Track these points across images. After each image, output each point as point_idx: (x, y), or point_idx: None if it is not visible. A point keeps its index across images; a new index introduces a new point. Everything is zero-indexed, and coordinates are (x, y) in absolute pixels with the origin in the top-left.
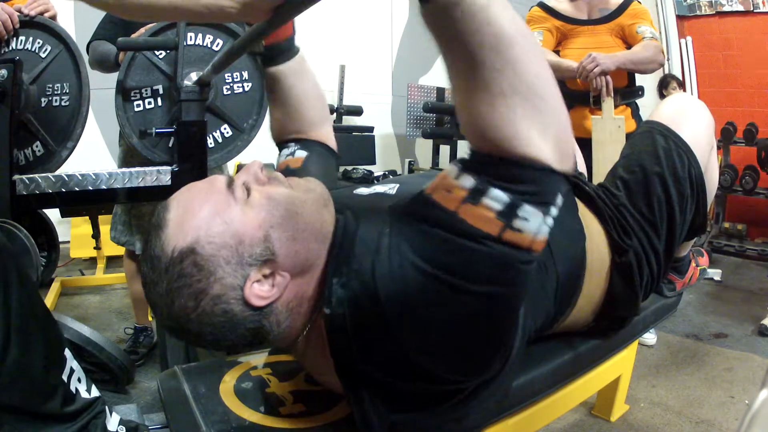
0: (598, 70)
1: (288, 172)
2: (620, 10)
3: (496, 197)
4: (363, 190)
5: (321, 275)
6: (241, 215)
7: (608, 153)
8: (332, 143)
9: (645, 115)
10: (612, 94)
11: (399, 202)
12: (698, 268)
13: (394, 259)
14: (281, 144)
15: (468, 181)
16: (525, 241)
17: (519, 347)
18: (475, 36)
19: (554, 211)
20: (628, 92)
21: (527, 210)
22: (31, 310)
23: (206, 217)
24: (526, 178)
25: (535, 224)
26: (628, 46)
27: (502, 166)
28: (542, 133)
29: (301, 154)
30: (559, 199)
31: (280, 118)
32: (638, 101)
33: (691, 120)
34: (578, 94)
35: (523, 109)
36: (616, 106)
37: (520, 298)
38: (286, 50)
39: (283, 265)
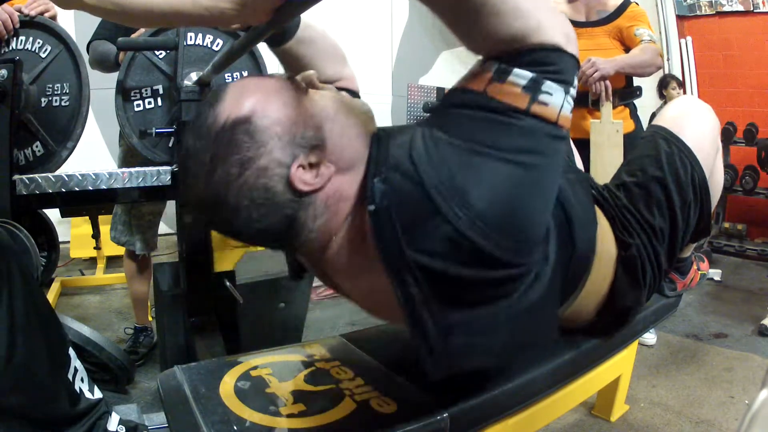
0: (597, 75)
1: None
2: (618, 12)
3: (521, 74)
4: None
5: (362, 178)
6: (299, 100)
7: (606, 156)
8: (355, 86)
9: (643, 115)
10: (611, 99)
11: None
12: (699, 272)
13: (429, 144)
14: None
15: (492, 66)
16: (552, 114)
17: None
18: None
19: (573, 91)
20: (626, 93)
21: (550, 85)
22: (35, 309)
23: (267, 93)
24: (545, 59)
25: (559, 98)
26: (627, 49)
27: (522, 54)
28: (548, 20)
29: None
30: (575, 81)
31: None
32: (637, 101)
33: (694, 123)
34: (576, 96)
35: (527, 3)
36: (614, 107)
37: (554, 169)
38: (285, 31)
39: (330, 156)
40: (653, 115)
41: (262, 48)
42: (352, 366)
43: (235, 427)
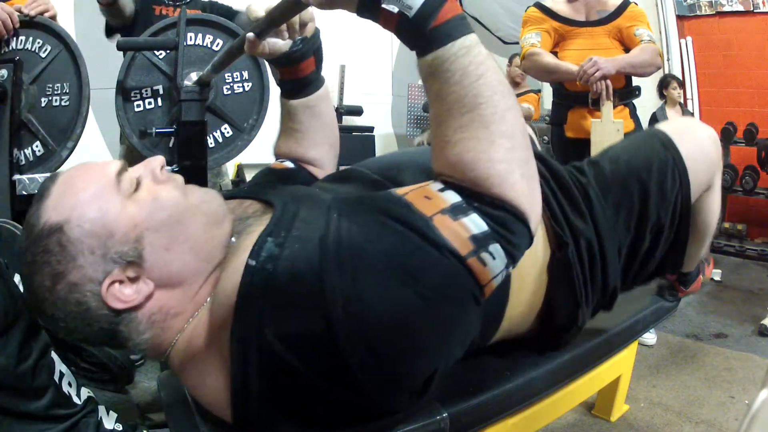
0: (599, 75)
1: (268, 171)
2: (618, 12)
3: (476, 222)
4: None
5: (195, 296)
6: (119, 208)
7: None
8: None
9: (643, 115)
10: (612, 98)
11: (350, 195)
12: (703, 278)
13: (344, 240)
14: (278, 157)
15: (452, 197)
16: (484, 277)
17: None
18: (473, 87)
19: (511, 269)
20: (625, 93)
21: (498, 250)
22: (16, 316)
23: (84, 199)
24: (507, 222)
25: (499, 266)
26: (626, 49)
27: (487, 202)
28: (529, 188)
29: (290, 164)
30: (516, 263)
31: (284, 145)
32: (637, 101)
33: (696, 142)
34: (577, 95)
35: (513, 153)
36: (614, 107)
37: (457, 324)
38: (306, 85)
39: (150, 273)
40: (653, 115)
41: None
42: None
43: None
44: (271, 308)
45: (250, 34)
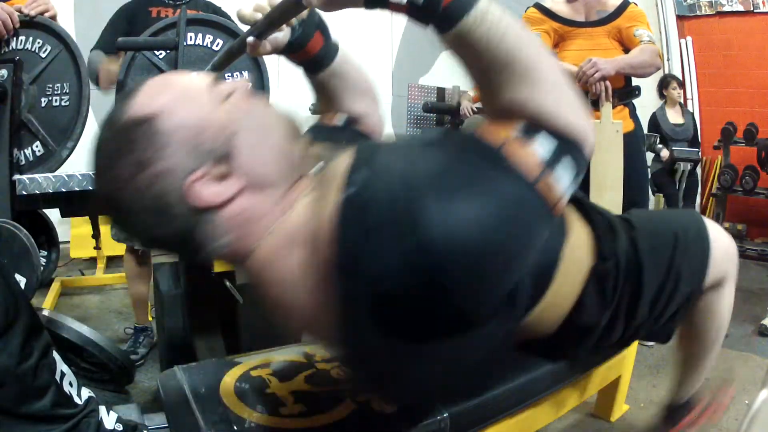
0: (598, 76)
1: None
2: (617, 12)
3: (546, 144)
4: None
5: (279, 203)
6: (212, 107)
7: (605, 157)
8: (376, 128)
9: (643, 115)
10: (611, 99)
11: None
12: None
13: (427, 167)
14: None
15: (519, 125)
16: (553, 198)
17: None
18: (499, 49)
19: (574, 187)
20: (625, 93)
21: (563, 171)
22: (16, 313)
23: (178, 95)
24: (568, 147)
25: (564, 186)
26: (626, 49)
27: (549, 131)
28: (575, 108)
29: (342, 117)
30: (579, 181)
31: (324, 108)
32: (637, 101)
33: (723, 238)
34: None
35: (556, 89)
36: (613, 107)
37: (532, 237)
38: (320, 60)
39: (239, 171)
40: (653, 115)
41: None
42: None
43: (235, 427)
44: (367, 234)
45: (251, 38)
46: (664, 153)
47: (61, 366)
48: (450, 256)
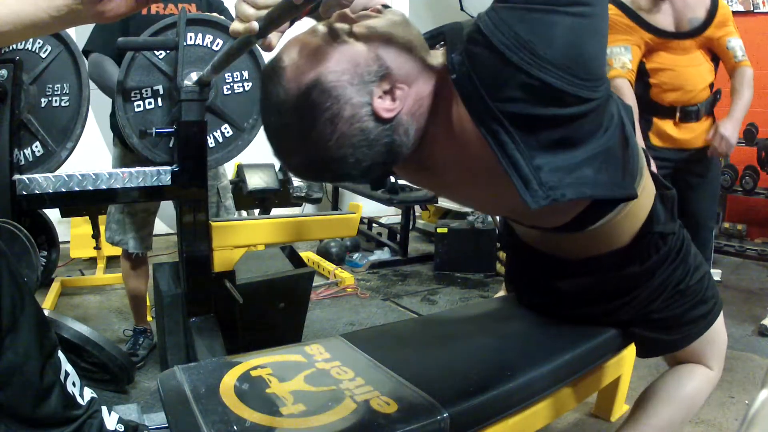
0: (731, 150)
1: None
2: (709, 19)
3: None
4: None
5: (430, 75)
6: (348, 44)
7: None
8: None
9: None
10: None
11: None
12: None
13: (491, 14)
14: None
15: None
16: None
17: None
18: None
19: None
20: (711, 104)
21: None
22: (23, 310)
23: (321, 53)
24: None
25: None
26: (713, 55)
27: None
28: None
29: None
30: None
31: None
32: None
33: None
34: (663, 108)
35: None
36: (701, 117)
37: (603, 15)
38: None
39: (398, 77)
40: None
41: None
42: (352, 366)
43: (235, 427)
44: (485, 90)
45: (259, 40)
46: None
47: (66, 366)
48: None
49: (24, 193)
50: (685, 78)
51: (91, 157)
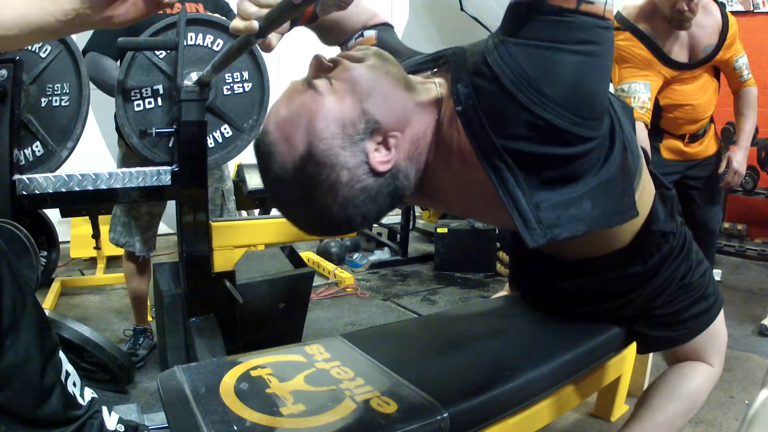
0: (742, 180)
1: None
2: (721, 43)
3: None
4: None
5: (424, 120)
6: (334, 104)
7: None
8: (382, 18)
9: None
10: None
11: None
12: None
13: (500, 47)
14: (341, 44)
15: None
16: (599, 10)
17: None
18: None
19: None
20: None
21: None
22: (24, 310)
23: (307, 119)
24: None
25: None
26: (716, 70)
27: None
28: None
29: (371, 32)
30: None
31: (332, 42)
32: None
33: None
34: (673, 134)
35: None
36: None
37: (608, 54)
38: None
39: (389, 126)
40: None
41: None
42: (352, 366)
43: (235, 427)
44: (490, 125)
45: (259, 40)
46: None
47: (67, 366)
48: (554, 90)
49: (24, 193)
50: (698, 112)
51: (91, 157)
